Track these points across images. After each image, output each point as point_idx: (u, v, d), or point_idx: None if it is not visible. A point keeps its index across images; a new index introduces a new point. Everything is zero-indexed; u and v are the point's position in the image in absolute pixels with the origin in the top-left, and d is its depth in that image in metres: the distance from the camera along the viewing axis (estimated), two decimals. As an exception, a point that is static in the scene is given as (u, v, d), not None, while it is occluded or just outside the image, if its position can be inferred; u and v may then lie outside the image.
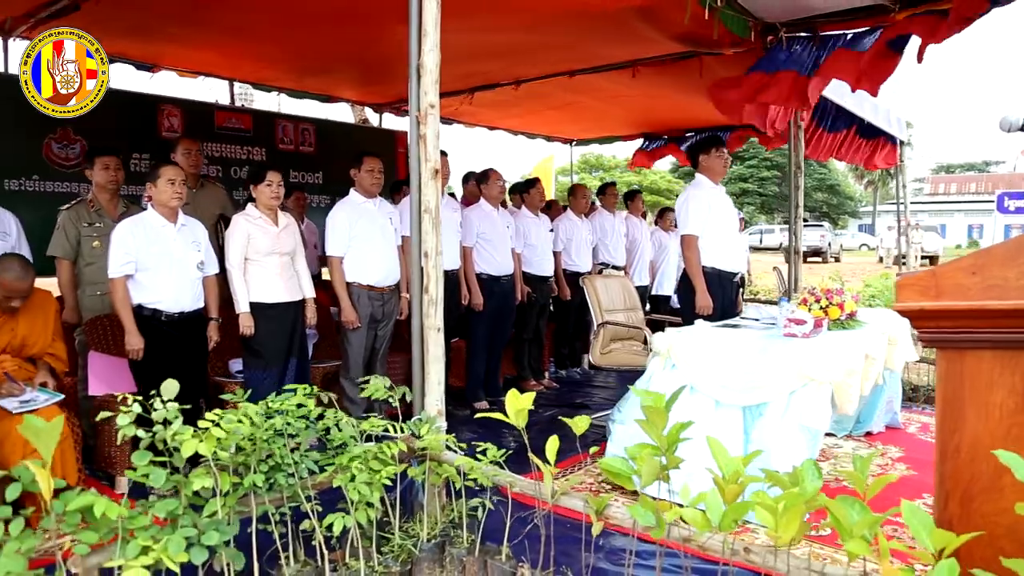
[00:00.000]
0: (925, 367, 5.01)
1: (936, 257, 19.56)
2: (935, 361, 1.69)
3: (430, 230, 2.55)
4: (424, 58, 2.53)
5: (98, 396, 3.47)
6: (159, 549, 1.79)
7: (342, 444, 2.31)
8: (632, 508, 1.92)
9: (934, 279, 1.68)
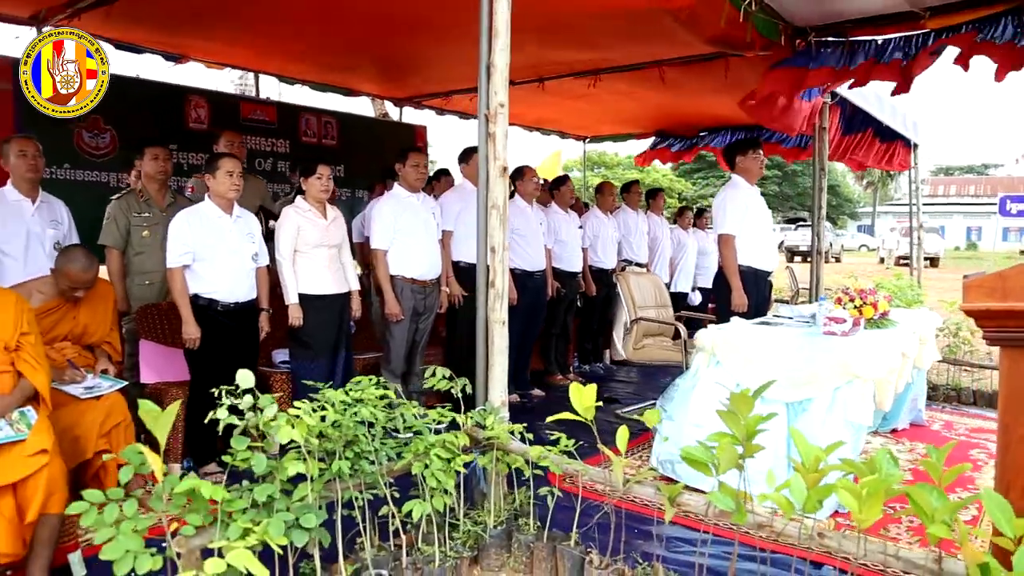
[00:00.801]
0: (945, 367, 5.13)
1: (936, 259, 19.81)
2: (999, 360, 1.80)
3: (497, 226, 2.63)
4: (495, 57, 2.61)
5: (150, 384, 3.53)
6: (261, 530, 1.87)
7: (416, 432, 2.40)
8: (712, 495, 2.01)
9: (1001, 281, 1.79)
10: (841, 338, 3.31)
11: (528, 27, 4.60)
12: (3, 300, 2.55)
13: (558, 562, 2.40)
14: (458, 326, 4.30)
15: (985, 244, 26.64)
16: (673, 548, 2.67)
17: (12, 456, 2.27)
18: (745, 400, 1.94)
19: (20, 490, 2.25)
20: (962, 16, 4.21)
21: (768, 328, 3.53)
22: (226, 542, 1.87)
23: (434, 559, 2.32)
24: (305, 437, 2.02)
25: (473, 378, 2.70)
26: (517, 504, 2.66)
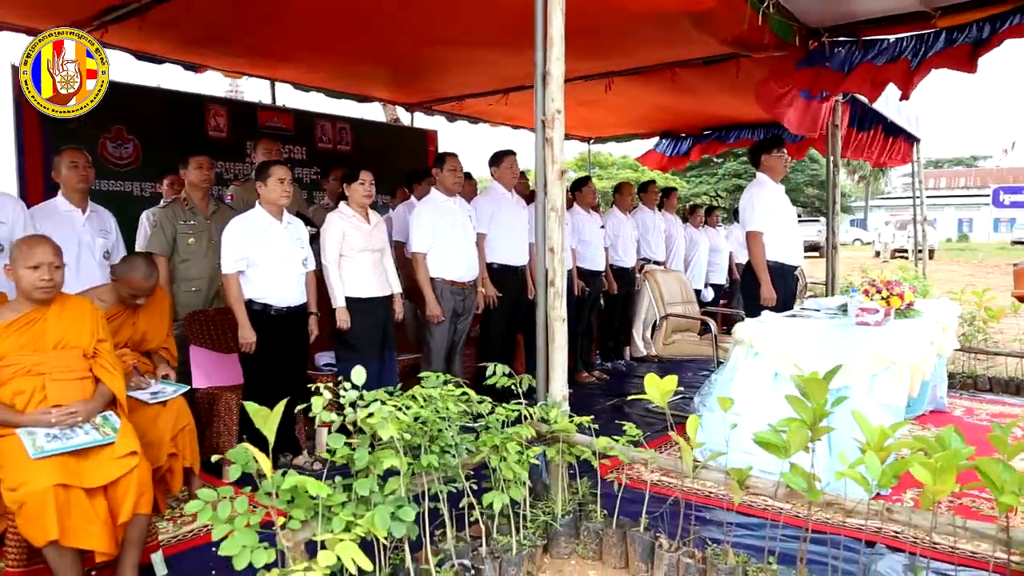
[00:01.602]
0: (959, 355, 5.30)
1: (932, 251, 20.14)
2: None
3: (556, 227, 2.75)
4: (551, 66, 2.72)
5: (201, 388, 3.61)
6: (366, 522, 1.97)
7: (487, 427, 2.51)
8: (785, 475, 2.14)
9: (1050, 267, 1.94)
10: (874, 328, 3.45)
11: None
12: (80, 307, 2.64)
13: (628, 547, 2.52)
14: (491, 326, 4.41)
15: (976, 235, 27.13)
16: (735, 534, 2.79)
17: (102, 459, 2.35)
18: (818, 384, 2.06)
19: (111, 492, 2.32)
20: (972, 15, 4.36)
21: (802, 320, 3.66)
22: (330, 535, 1.96)
23: (511, 548, 2.42)
24: (400, 433, 2.12)
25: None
26: (580, 495, 2.76)
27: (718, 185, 22.74)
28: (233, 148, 6.04)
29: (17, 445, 2.31)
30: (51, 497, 2.16)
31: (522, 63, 5.62)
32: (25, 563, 2.31)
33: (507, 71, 6.11)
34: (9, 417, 2.38)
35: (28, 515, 2.17)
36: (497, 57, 5.57)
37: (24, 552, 2.30)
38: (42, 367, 2.48)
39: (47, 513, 2.15)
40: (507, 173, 4.44)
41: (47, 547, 2.18)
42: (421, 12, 4.33)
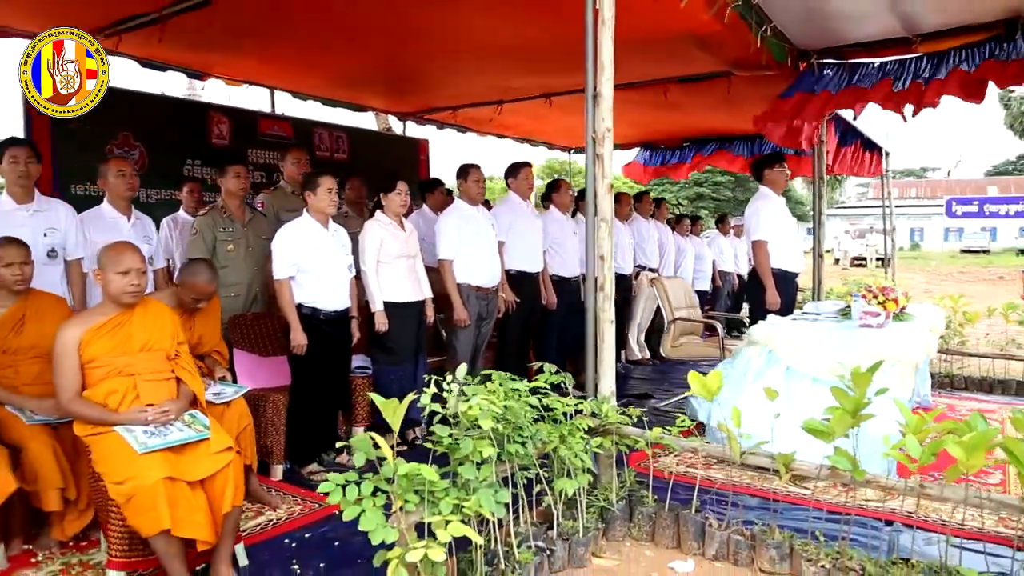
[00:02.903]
0: (938, 356, 5.77)
1: (888, 259, 21.17)
2: None
3: (605, 236, 3.03)
4: (601, 88, 3.02)
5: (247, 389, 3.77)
6: (473, 504, 2.21)
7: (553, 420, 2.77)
8: (832, 457, 2.46)
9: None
10: (876, 329, 3.84)
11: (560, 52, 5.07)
12: (160, 312, 2.81)
13: (680, 528, 2.81)
14: (508, 329, 4.67)
15: (927, 244, 28.63)
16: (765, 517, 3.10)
17: (199, 454, 2.53)
18: (862, 378, 2.39)
19: (208, 485, 2.50)
20: (951, 42, 4.83)
21: (809, 323, 4.03)
22: (438, 516, 2.19)
23: (578, 531, 2.69)
24: (492, 424, 2.37)
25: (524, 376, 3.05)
26: (628, 484, 3.04)
27: (680, 193, 23.44)
28: (234, 155, 6.15)
29: (119, 441, 2.47)
30: (161, 489, 2.33)
31: (518, 75, 5.99)
32: (127, 553, 2.46)
33: (503, 82, 6.42)
34: (107, 416, 2.54)
35: (138, 506, 2.34)
36: (493, 69, 5.86)
37: (126, 542, 2.45)
38: (132, 368, 2.65)
39: (158, 504, 2.32)
40: (523, 184, 4.71)
41: (156, 537, 2.35)
42: (420, 25, 4.58)
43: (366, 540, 2.85)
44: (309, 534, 3.00)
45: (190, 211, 4.96)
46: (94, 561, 2.78)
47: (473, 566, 2.35)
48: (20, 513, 2.82)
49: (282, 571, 2.70)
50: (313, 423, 3.59)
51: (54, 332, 3.08)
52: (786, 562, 2.60)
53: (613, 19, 2.99)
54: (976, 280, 16.15)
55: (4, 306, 3.03)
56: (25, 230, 3.26)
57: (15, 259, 2.99)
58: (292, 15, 4.47)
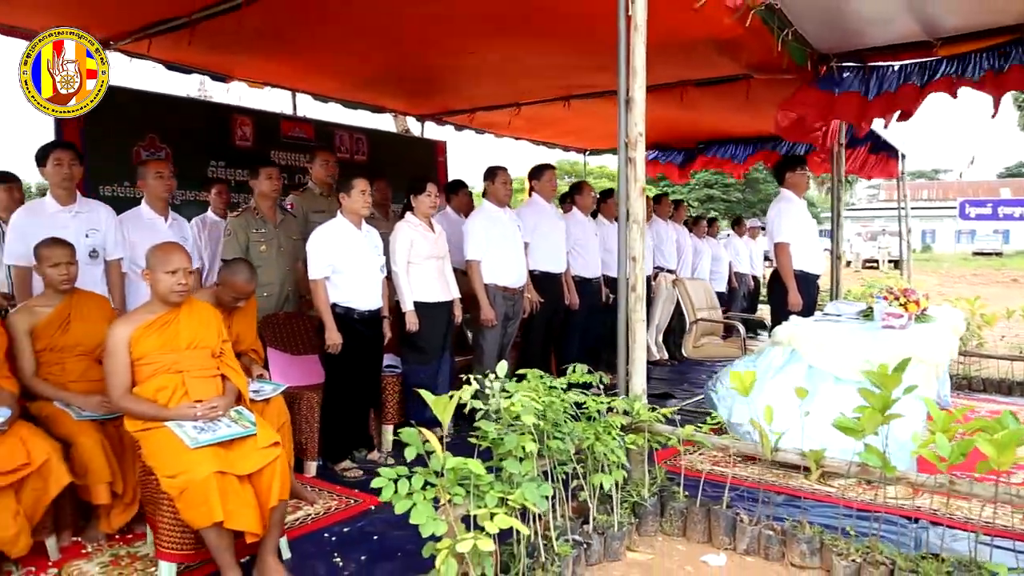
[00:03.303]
0: (960, 357, 5.84)
1: (901, 261, 21.19)
2: None
3: (637, 238, 3.12)
4: (634, 93, 3.10)
5: (280, 389, 3.86)
6: (518, 497, 2.29)
7: (588, 417, 2.85)
8: (863, 453, 2.54)
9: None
10: (899, 331, 3.92)
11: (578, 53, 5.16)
12: (206, 310, 2.91)
13: (711, 523, 2.89)
14: (533, 329, 4.76)
15: (939, 246, 28.59)
16: (792, 514, 3.18)
17: (247, 449, 2.62)
18: (891, 378, 2.47)
19: (255, 479, 2.59)
20: (972, 45, 4.90)
21: (832, 324, 4.10)
22: (484, 509, 2.27)
23: (612, 524, 2.78)
24: (534, 420, 2.45)
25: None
26: (659, 480, 3.13)
27: (690, 195, 23.50)
28: (258, 157, 6.26)
29: (170, 436, 2.57)
30: (213, 483, 2.42)
31: (536, 78, 6.08)
32: (178, 545, 2.55)
33: (521, 86, 6.52)
34: (157, 412, 2.64)
35: (190, 499, 2.43)
36: (512, 72, 5.96)
37: (177, 534, 2.55)
38: (180, 365, 2.74)
39: (210, 497, 2.41)
40: (547, 186, 4.80)
41: (208, 529, 2.44)
42: (440, 29, 4.68)
43: (404, 534, 2.99)
44: (347, 528, 3.09)
45: (218, 212, 5.07)
46: (141, 553, 2.87)
47: (515, 558, 2.43)
48: (70, 506, 2.92)
49: (324, 564, 2.79)
50: (346, 421, 3.68)
51: (98, 330, 3.20)
52: (816, 556, 2.67)
53: (645, 25, 3.07)
54: (990, 283, 16.17)
55: (50, 305, 3.14)
56: (68, 231, 3.36)
57: (61, 259, 3.09)
58: (317, 19, 4.57)
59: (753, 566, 2.73)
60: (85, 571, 2.73)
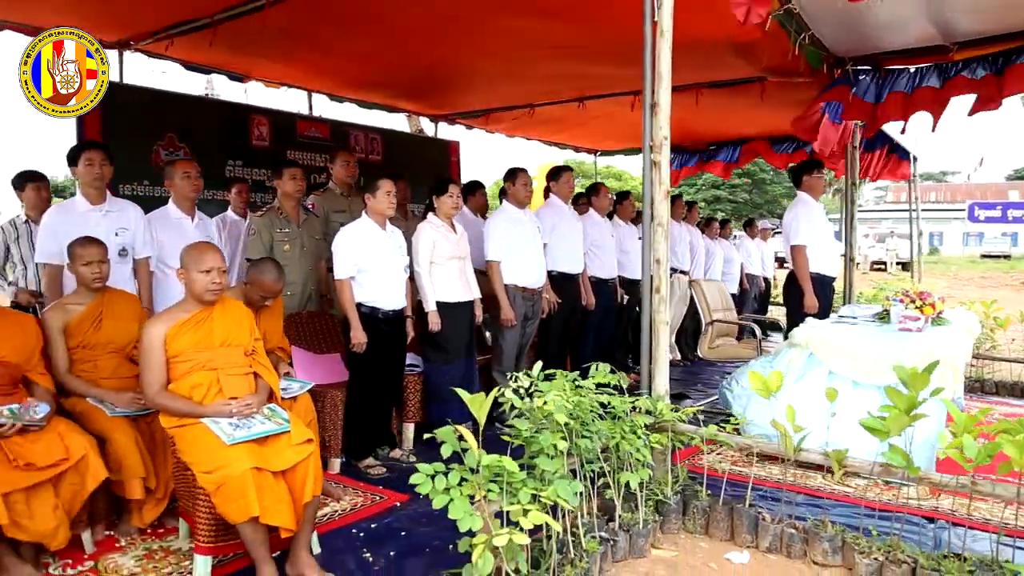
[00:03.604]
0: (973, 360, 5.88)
1: (909, 263, 21.24)
2: None
3: (661, 240, 3.18)
4: (659, 97, 3.16)
5: (306, 386, 3.93)
6: (551, 493, 2.35)
7: (613, 416, 2.91)
8: (886, 453, 2.60)
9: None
10: (916, 333, 3.97)
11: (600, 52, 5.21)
12: (237, 309, 2.97)
13: (734, 521, 2.95)
14: (551, 330, 4.82)
15: (946, 249, 28.60)
16: (812, 513, 3.23)
17: (280, 446, 2.67)
18: (920, 378, 2.53)
19: (289, 475, 2.65)
20: (987, 49, 4.95)
21: (849, 327, 4.15)
22: (517, 505, 2.33)
23: (638, 522, 2.84)
24: (565, 419, 2.51)
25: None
26: (681, 480, 3.18)
27: (697, 195, 23.55)
28: (274, 156, 6.32)
29: (206, 432, 2.63)
30: (250, 478, 2.48)
31: (551, 80, 6.14)
32: (214, 538, 2.62)
33: (535, 87, 6.58)
34: (193, 408, 2.70)
35: (227, 494, 2.48)
36: (529, 74, 6.02)
37: (213, 528, 2.61)
38: (214, 363, 2.80)
39: (247, 492, 2.46)
40: (565, 187, 4.86)
41: (244, 523, 2.50)
42: (459, 31, 4.77)
43: (431, 531, 3.05)
44: (375, 524, 3.15)
45: (238, 211, 5.13)
46: (173, 547, 2.94)
47: (545, 553, 2.49)
48: (104, 500, 2.98)
49: (354, 559, 2.85)
50: (370, 418, 3.75)
51: (129, 328, 3.28)
52: (838, 555, 2.73)
53: (671, 30, 3.13)
54: (999, 285, 16.19)
55: (83, 303, 3.20)
56: (99, 230, 3.43)
57: (94, 258, 3.16)
58: (335, 21, 4.63)
59: (776, 564, 2.78)
60: (120, 564, 2.79)
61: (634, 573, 2.71)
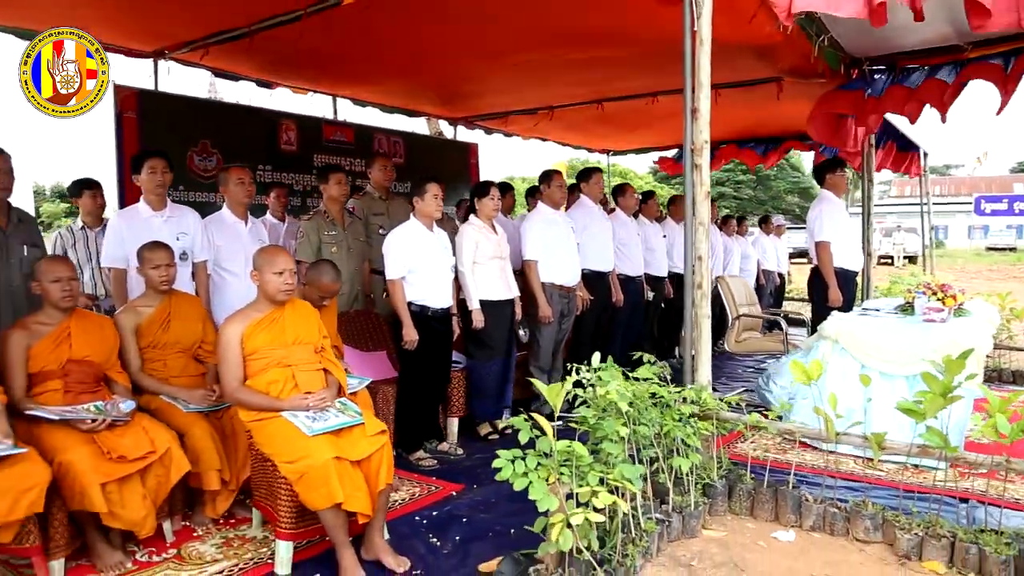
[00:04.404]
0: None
1: (915, 257, 21.62)
2: None
3: (703, 239, 3.38)
4: (699, 103, 3.36)
5: (354, 384, 4.12)
6: (617, 474, 2.56)
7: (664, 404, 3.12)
8: (924, 435, 2.80)
9: None
10: (940, 324, 4.18)
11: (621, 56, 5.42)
12: (305, 308, 3.17)
13: (778, 503, 3.15)
14: (584, 326, 5.02)
15: (951, 242, 28.95)
16: (848, 495, 3.44)
17: (355, 437, 2.87)
18: (956, 364, 2.74)
19: (364, 465, 2.84)
20: (1001, 48, 5.16)
21: (875, 319, 4.36)
22: (586, 487, 2.53)
23: (690, 504, 3.04)
24: (627, 407, 2.71)
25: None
26: (724, 465, 3.39)
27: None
28: (302, 160, 6.54)
29: (287, 425, 2.83)
30: (332, 468, 2.68)
31: (569, 84, 6.34)
32: (295, 525, 2.81)
33: (555, 91, 6.80)
34: (271, 403, 2.90)
35: (310, 483, 2.67)
36: (547, 76, 6.22)
37: (294, 516, 2.80)
38: (288, 360, 3.00)
39: (330, 481, 2.66)
40: (595, 188, 5.07)
41: (327, 510, 2.69)
42: (477, 38, 4.97)
43: (490, 517, 3.26)
44: (435, 512, 3.35)
45: (276, 215, 5.33)
46: (248, 535, 3.14)
47: (608, 532, 2.69)
48: (180, 492, 3.18)
49: (423, 543, 3.05)
50: (420, 413, 3.95)
51: (194, 328, 3.48)
52: (879, 532, 2.93)
53: (710, 39, 3.33)
54: (1007, 278, 16.43)
55: (152, 305, 3.40)
56: (161, 235, 3.63)
57: (162, 261, 3.36)
58: (368, 32, 4.82)
59: (820, 541, 2.99)
60: (202, 552, 2.99)
61: (688, 551, 2.91)
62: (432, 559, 2.90)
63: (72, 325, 3.08)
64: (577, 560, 2.48)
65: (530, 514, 3.07)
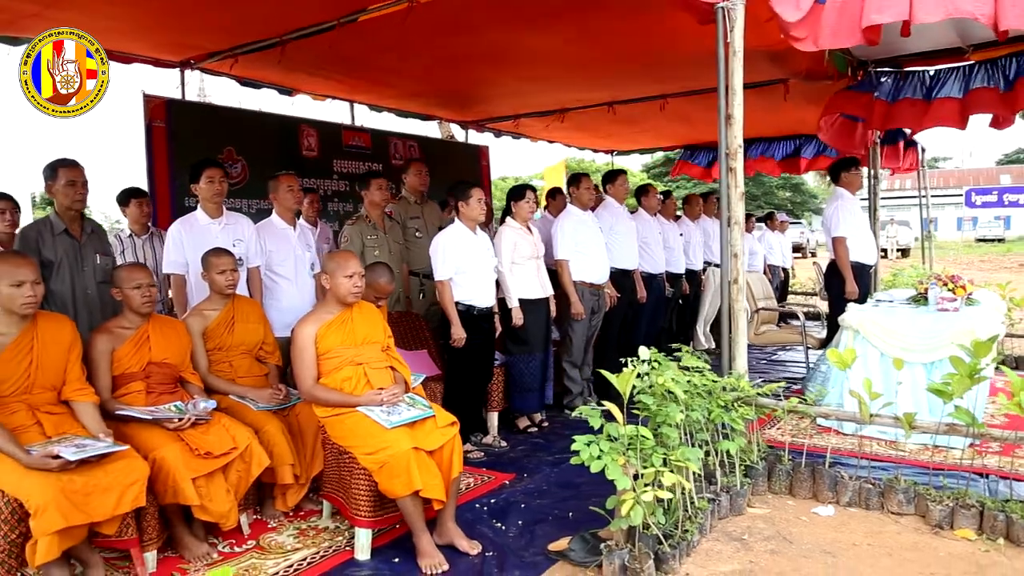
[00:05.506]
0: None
1: (908, 250, 22.20)
2: None
3: (738, 237, 3.66)
4: (733, 110, 3.63)
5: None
6: (679, 456, 2.82)
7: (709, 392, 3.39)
8: (954, 413, 3.09)
9: None
10: (953, 313, 4.48)
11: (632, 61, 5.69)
12: (371, 310, 3.41)
13: (816, 481, 3.43)
14: (611, 322, 5.29)
15: (941, 234, 29.64)
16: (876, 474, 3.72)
17: (428, 429, 3.11)
18: (983, 347, 3.03)
19: (436, 455, 3.08)
20: (1001, 51, 5.48)
21: (891, 309, 4.67)
22: (651, 468, 2.78)
23: (735, 483, 3.32)
24: (683, 395, 2.98)
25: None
26: (761, 448, 3.67)
27: (695, 189, 24.15)
28: (322, 166, 6.76)
29: (364, 419, 3.07)
30: (411, 457, 2.91)
31: (580, 89, 6.61)
32: (373, 513, 3.04)
33: (567, 95, 7.07)
34: (346, 399, 3.14)
35: (391, 472, 2.90)
36: (559, 81, 6.49)
37: (372, 504, 3.03)
38: (360, 358, 3.24)
39: (410, 470, 2.88)
40: (620, 190, 5.34)
41: (406, 498, 2.92)
42: (489, 46, 5.25)
43: (545, 503, 3.52)
44: (494, 500, 3.60)
45: (309, 220, 5.54)
46: (321, 526, 3.36)
47: (667, 510, 2.95)
48: (253, 487, 3.40)
49: (488, 528, 3.29)
50: (467, 407, 4.19)
51: (256, 330, 3.71)
52: (912, 504, 3.22)
53: (743, 49, 3.60)
54: (998, 268, 16.92)
55: (217, 309, 3.62)
56: (219, 241, 3.84)
57: (227, 266, 3.58)
58: (392, 41, 5.04)
59: (857, 515, 3.27)
60: (280, 542, 3.21)
61: (737, 527, 3.18)
62: (501, 541, 3.15)
63: (151, 329, 3.28)
64: (645, 535, 2.74)
65: (582, 499, 3.38)
